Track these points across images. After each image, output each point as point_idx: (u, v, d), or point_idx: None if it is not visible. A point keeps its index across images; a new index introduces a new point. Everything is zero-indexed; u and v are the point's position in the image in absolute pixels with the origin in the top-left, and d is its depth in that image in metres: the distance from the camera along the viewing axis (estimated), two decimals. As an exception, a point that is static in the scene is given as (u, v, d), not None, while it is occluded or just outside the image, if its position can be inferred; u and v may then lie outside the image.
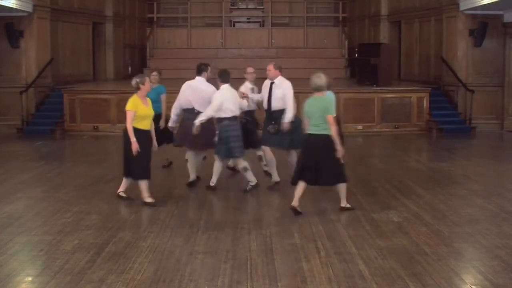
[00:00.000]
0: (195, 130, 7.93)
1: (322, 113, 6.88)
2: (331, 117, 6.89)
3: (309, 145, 7.01)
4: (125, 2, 19.52)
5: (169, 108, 8.98)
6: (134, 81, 7.52)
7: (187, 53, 20.17)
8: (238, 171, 8.81)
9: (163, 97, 9.48)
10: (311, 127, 6.99)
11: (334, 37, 20.94)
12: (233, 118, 8.02)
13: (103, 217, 7.04)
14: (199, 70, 8.58)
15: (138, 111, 7.39)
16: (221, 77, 8.16)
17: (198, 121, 7.92)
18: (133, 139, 7.29)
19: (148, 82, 7.59)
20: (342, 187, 7.18)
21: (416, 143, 13.53)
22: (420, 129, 14.58)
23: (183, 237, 6.27)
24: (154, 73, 9.62)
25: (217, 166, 8.29)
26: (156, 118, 8.87)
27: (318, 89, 7.01)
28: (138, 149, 7.30)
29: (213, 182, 8.29)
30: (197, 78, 8.54)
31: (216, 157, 8.22)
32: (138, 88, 7.46)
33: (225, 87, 8.08)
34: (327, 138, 6.86)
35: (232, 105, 8.01)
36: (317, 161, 6.91)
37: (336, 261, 5.53)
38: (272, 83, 8.37)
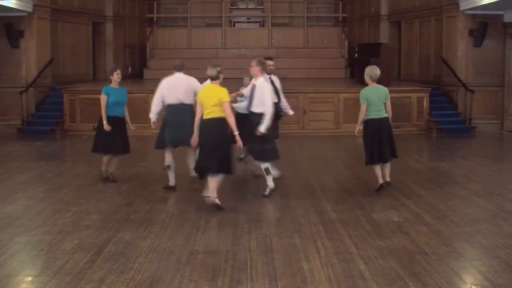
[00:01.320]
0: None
1: (383, 99, 8.07)
2: (389, 102, 8.14)
3: (375, 127, 8.05)
4: (125, 2, 19.53)
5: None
6: (215, 70, 7.22)
7: (187, 53, 20.18)
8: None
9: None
10: (373, 112, 8.02)
11: (334, 37, 20.95)
12: None
13: (103, 217, 7.04)
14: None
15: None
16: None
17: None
18: (237, 131, 7.17)
19: None
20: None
21: (416, 143, 13.52)
22: (420, 129, 14.58)
23: (183, 237, 6.27)
24: (118, 71, 8.84)
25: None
26: (122, 122, 8.81)
27: (376, 79, 8.10)
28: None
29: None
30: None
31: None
32: (217, 78, 7.28)
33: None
34: (388, 120, 8.12)
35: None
36: (382, 140, 8.06)
37: (336, 261, 5.53)
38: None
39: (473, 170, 10.02)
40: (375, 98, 8.00)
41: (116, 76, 8.71)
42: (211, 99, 7.12)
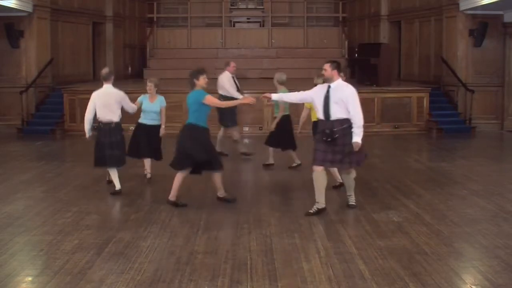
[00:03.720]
0: None
1: None
2: None
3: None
4: (125, 2, 19.53)
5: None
6: (320, 79, 7.96)
7: (187, 53, 20.20)
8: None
9: None
10: (288, 110, 9.60)
11: (334, 37, 20.95)
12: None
13: (103, 217, 7.04)
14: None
15: None
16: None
17: None
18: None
19: None
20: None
21: (416, 143, 13.53)
22: (420, 129, 14.58)
23: (183, 237, 6.27)
24: (205, 75, 7.47)
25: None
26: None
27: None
28: None
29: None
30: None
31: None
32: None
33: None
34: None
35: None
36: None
37: (336, 261, 5.54)
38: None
39: (473, 170, 10.02)
40: None
41: (203, 81, 7.38)
42: None
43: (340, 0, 21.39)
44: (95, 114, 8.32)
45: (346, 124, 6.91)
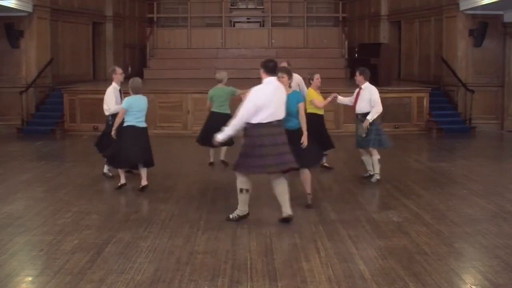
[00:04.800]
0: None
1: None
2: None
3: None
4: (125, 2, 19.53)
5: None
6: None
7: (187, 53, 20.20)
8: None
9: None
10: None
11: (334, 37, 20.95)
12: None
13: (103, 217, 7.04)
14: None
15: None
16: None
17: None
18: None
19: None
20: None
21: (416, 143, 13.53)
22: (420, 129, 14.58)
23: (183, 237, 6.27)
24: (280, 73, 7.38)
25: None
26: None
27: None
28: None
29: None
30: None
31: None
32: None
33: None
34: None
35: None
36: None
37: (336, 261, 5.53)
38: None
39: (473, 170, 10.02)
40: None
41: (282, 79, 7.26)
42: None
43: (340, 0, 21.39)
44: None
45: (248, 125, 6.50)
